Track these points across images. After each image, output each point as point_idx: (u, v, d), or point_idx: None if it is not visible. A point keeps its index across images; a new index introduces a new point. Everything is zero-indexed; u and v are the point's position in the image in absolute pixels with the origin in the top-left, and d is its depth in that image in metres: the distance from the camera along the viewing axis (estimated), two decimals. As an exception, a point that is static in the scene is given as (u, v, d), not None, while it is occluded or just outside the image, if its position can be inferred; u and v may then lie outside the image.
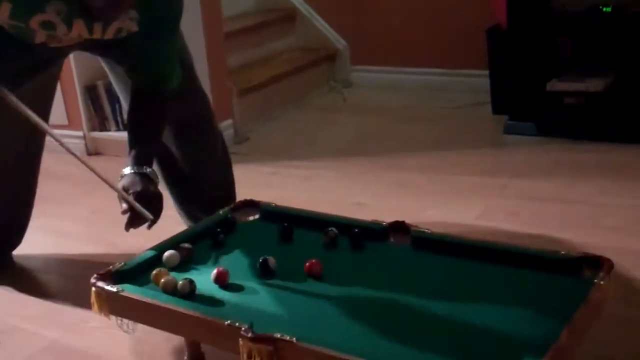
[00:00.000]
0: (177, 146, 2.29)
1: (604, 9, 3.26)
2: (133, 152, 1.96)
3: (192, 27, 2.10)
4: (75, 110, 3.59)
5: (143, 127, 2.03)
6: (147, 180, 1.91)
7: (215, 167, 2.44)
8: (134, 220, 1.84)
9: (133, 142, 1.99)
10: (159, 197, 1.92)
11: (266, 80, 3.99)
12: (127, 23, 1.91)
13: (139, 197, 1.85)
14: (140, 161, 1.93)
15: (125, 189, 1.86)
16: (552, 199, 2.72)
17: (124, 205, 1.83)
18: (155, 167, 2.01)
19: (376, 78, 4.42)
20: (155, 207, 1.89)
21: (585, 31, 3.44)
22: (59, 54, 2.19)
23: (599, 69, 3.41)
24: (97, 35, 1.91)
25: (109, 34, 1.92)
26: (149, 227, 1.85)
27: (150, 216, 1.84)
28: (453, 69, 4.16)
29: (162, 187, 2.06)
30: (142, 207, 1.83)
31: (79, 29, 1.86)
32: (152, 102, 2.03)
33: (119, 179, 1.90)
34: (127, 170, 1.91)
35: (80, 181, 3.22)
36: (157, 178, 1.97)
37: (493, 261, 1.67)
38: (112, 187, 1.85)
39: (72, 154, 1.91)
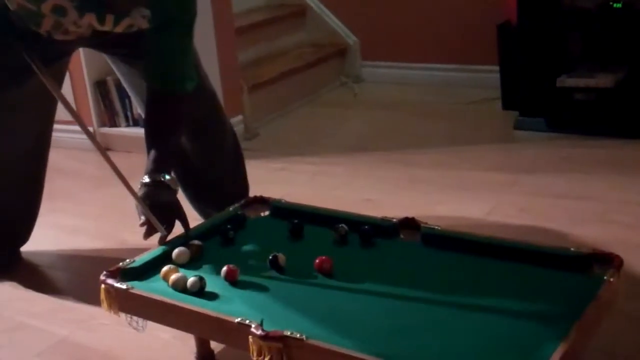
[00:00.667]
0: (188, 143, 2.29)
1: (615, 5, 3.24)
2: (151, 157, 1.96)
3: (202, 23, 2.09)
4: (84, 105, 3.59)
5: (160, 131, 2.02)
6: (165, 189, 1.91)
7: (226, 163, 2.44)
8: (151, 232, 1.85)
9: (151, 146, 1.98)
10: (176, 207, 1.92)
11: (276, 76, 3.99)
12: (139, 20, 1.91)
13: (156, 208, 1.85)
14: (159, 167, 1.93)
15: (144, 199, 1.86)
16: (562, 195, 2.71)
17: (142, 218, 1.84)
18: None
19: (387, 73, 4.42)
20: (171, 218, 1.89)
21: (595, 27, 3.42)
22: (65, 49, 2.19)
23: (609, 64, 3.39)
24: (107, 26, 1.91)
25: (120, 28, 1.92)
26: (161, 241, 1.85)
27: (164, 232, 1.84)
28: (463, 64, 4.15)
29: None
30: (157, 221, 1.83)
31: (90, 18, 1.87)
32: (167, 104, 2.03)
33: (139, 186, 1.90)
34: (146, 178, 1.91)
35: (89, 177, 3.23)
36: (177, 185, 1.98)
37: (503, 258, 1.67)
38: (134, 196, 1.85)
39: (101, 152, 1.91)
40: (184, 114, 2.07)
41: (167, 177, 1.93)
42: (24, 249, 2.52)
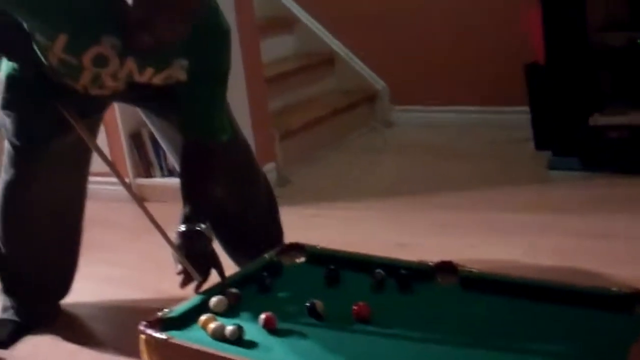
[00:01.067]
0: (222, 192, 2.31)
1: (640, 42, 3.25)
2: (187, 207, 1.98)
3: (233, 73, 2.13)
4: (120, 157, 3.65)
5: (195, 181, 2.05)
6: (201, 237, 1.93)
7: (260, 212, 2.45)
8: (188, 281, 1.87)
9: (187, 196, 2.01)
10: (212, 256, 1.94)
11: (307, 123, 4.03)
12: (178, 72, 1.95)
13: (192, 256, 1.87)
14: (194, 217, 1.96)
15: (180, 248, 1.88)
16: (599, 234, 2.68)
17: (179, 267, 1.86)
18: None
19: (416, 117, 4.43)
20: (207, 267, 1.90)
21: (624, 65, 3.42)
22: (99, 105, 2.24)
23: (642, 101, 3.38)
24: (146, 77, 1.95)
25: (158, 79, 1.97)
26: (197, 288, 1.86)
27: (199, 279, 1.86)
28: (493, 105, 4.15)
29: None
30: (194, 269, 1.85)
31: (131, 66, 1.91)
32: (202, 155, 2.06)
33: (175, 235, 1.92)
34: (182, 227, 1.93)
35: (126, 227, 3.26)
36: (212, 234, 1.99)
37: (542, 299, 1.65)
38: (170, 245, 1.88)
39: (137, 201, 1.94)
40: (218, 164, 2.10)
41: (203, 225, 1.95)
42: (64, 301, 2.53)
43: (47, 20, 1.83)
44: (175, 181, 3.47)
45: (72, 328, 2.45)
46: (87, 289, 2.63)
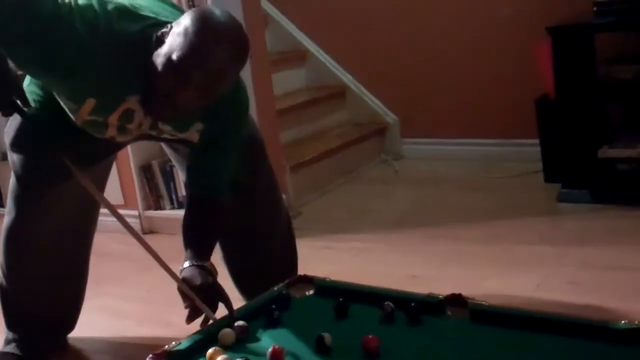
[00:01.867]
0: (244, 218, 2.30)
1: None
2: (190, 251, 1.98)
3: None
4: (130, 189, 3.66)
5: (197, 232, 2.05)
6: (206, 272, 1.92)
7: (280, 240, 2.45)
8: (195, 316, 1.86)
9: (188, 243, 2.01)
10: (217, 289, 1.93)
11: (318, 155, 4.04)
12: (194, 135, 1.98)
13: (199, 291, 1.86)
14: (198, 256, 1.96)
15: (186, 283, 1.88)
16: (611, 267, 2.67)
17: (187, 302, 1.85)
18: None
19: (427, 150, 4.44)
20: (214, 300, 1.90)
21: (633, 98, 3.43)
22: (122, 145, 2.26)
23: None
24: (167, 130, 1.98)
25: (176, 137, 2.00)
26: (203, 323, 1.85)
27: (212, 314, 1.84)
28: (503, 138, 4.16)
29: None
30: (202, 303, 1.84)
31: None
32: (206, 209, 2.06)
33: (180, 271, 1.92)
34: (187, 263, 1.93)
35: (134, 260, 3.25)
36: (216, 271, 1.99)
37: (554, 332, 1.64)
38: (175, 279, 1.87)
39: (139, 239, 1.94)
40: (220, 220, 2.11)
41: (207, 263, 1.95)
42: (71, 334, 2.53)
43: (75, 86, 1.83)
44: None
45: (80, 361, 2.44)
46: (93, 322, 2.63)
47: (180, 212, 3.47)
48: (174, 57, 1.71)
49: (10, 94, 1.89)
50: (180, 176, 2.47)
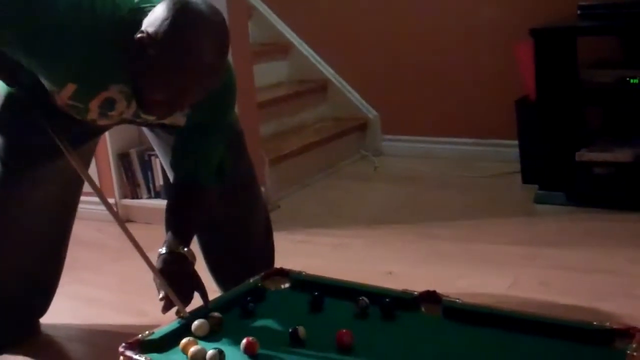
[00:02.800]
0: (222, 211, 2.28)
1: (632, 81, 3.28)
2: (171, 231, 1.98)
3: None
4: (107, 177, 3.64)
5: (181, 214, 2.05)
6: (182, 261, 1.92)
7: (258, 233, 2.45)
8: (170, 306, 1.86)
9: (169, 225, 2.01)
10: (194, 279, 1.93)
11: (298, 149, 4.04)
12: (179, 119, 1.96)
13: (173, 280, 1.86)
14: (177, 241, 1.95)
15: (161, 272, 1.87)
16: (584, 269, 2.69)
17: (161, 293, 1.85)
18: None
19: (406, 147, 4.45)
20: (190, 290, 1.90)
21: (613, 102, 3.46)
22: (102, 129, 2.24)
23: (628, 139, 3.41)
24: (150, 119, 1.98)
25: (161, 122, 1.99)
26: (178, 313, 1.85)
27: (183, 307, 1.84)
28: (483, 138, 4.18)
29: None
30: (175, 295, 1.83)
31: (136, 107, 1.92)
32: (191, 193, 2.06)
33: (157, 258, 1.92)
34: (164, 250, 1.93)
35: (110, 248, 3.25)
36: (195, 257, 1.98)
37: (525, 331, 1.66)
38: (152, 269, 1.87)
39: (120, 223, 1.93)
40: (204, 204, 2.10)
41: (185, 249, 1.95)
42: (43, 321, 2.51)
43: (56, 71, 1.81)
44: (161, 203, 3.48)
45: (50, 348, 2.43)
46: (67, 309, 2.62)
47: (157, 202, 3.53)
48: (158, 59, 1.65)
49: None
50: (162, 163, 2.45)
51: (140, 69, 1.70)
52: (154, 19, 1.67)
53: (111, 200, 3.61)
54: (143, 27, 1.69)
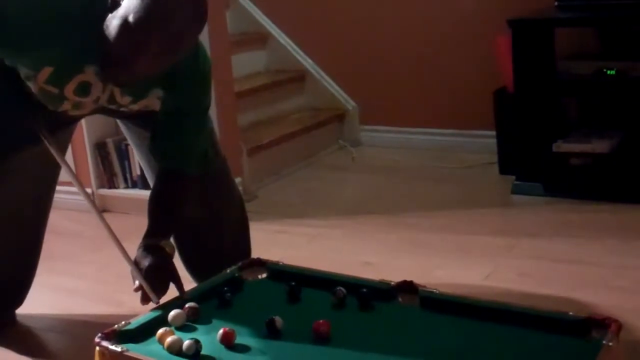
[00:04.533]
0: (193, 207, 2.25)
1: (608, 72, 3.30)
2: (152, 222, 1.97)
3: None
4: (84, 167, 3.61)
5: (164, 202, 2.03)
6: (160, 252, 1.91)
7: (230, 231, 2.43)
8: (148, 297, 1.85)
9: (151, 214, 2.00)
10: (170, 270, 1.92)
11: (276, 139, 4.03)
12: (154, 102, 1.94)
13: (150, 271, 1.85)
14: (157, 233, 1.94)
15: (137, 263, 1.86)
16: (561, 259, 2.71)
17: (137, 283, 1.85)
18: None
19: (385, 138, 4.45)
20: (165, 281, 1.89)
21: (590, 93, 3.48)
22: (76, 119, 2.22)
23: (605, 130, 3.44)
24: (126, 101, 1.94)
25: (136, 107, 1.96)
26: (155, 303, 1.85)
27: (156, 299, 1.84)
28: (461, 129, 4.19)
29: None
30: (150, 286, 1.83)
31: (113, 89, 1.89)
32: (173, 181, 2.05)
33: (137, 249, 1.91)
34: (144, 241, 1.92)
35: (87, 238, 3.23)
36: (173, 248, 1.97)
37: (501, 322, 1.66)
38: (128, 260, 1.86)
39: (99, 215, 1.92)
40: (188, 191, 2.08)
41: (164, 240, 1.94)
42: (20, 312, 2.49)
43: (31, 56, 1.78)
44: (138, 193, 3.49)
45: (26, 339, 2.41)
46: (43, 299, 2.60)
47: (134, 191, 3.51)
48: (131, 19, 1.63)
49: None
50: (136, 156, 2.43)
51: (110, 26, 1.66)
52: None
53: (88, 190, 3.57)
54: None
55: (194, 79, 1.96)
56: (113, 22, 1.66)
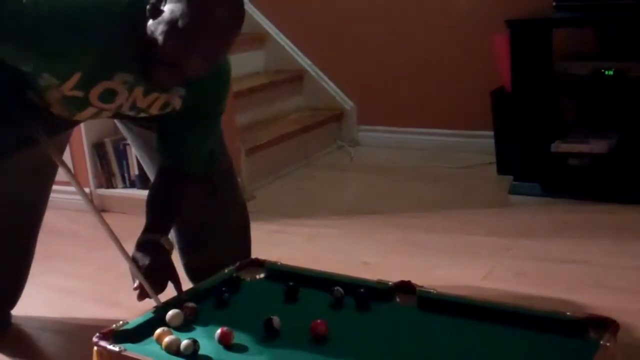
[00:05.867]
0: (198, 204, 2.25)
1: (606, 72, 3.31)
2: (150, 219, 1.97)
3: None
4: (82, 166, 3.61)
5: (163, 200, 2.04)
6: (159, 250, 1.91)
7: (236, 231, 2.42)
8: (145, 295, 1.85)
9: (150, 211, 2.00)
10: (169, 269, 1.92)
11: (274, 139, 4.03)
12: (175, 100, 1.94)
13: (147, 270, 1.85)
14: (155, 229, 1.95)
15: (136, 261, 1.86)
16: (558, 259, 2.71)
17: (136, 282, 1.85)
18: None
19: (383, 138, 4.46)
20: (164, 280, 1.89)
21: (588, 94, 3.49)
22: (76, 122, 2.21)
23: (603, 130, 3.44)
24: (148, 102, 1.94)
25: (155, 109, 1.96)
26: (155, 301, 1.84)
27: (156, 296, 1.84)
28: (458, 129, 4.19)
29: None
30: (149, 284, 1.83)
31: (137, 94, 1.90)
32: (175, 179, 2.05)
33: (135, 246, 1.91)
34: (141, 238, 1.92)
35: (84, 238, 3.23)
36: (172, 246, 1.97)
37: (499, 322, 1.66)
38: (126, 258, 1.86)
39: (97, 215, 1.91)
40: (189, 190, 2.09)
41: (163, 237, 1.94)
42: (16, 312, 2.48)
43: (63, 62, 1.78)
44: (136, 192, 3.49)
45: (23, 340, 2.41)
46: (41, 299, 2.60)
47: (132, 191, 3.51)
48: (180, 24, 1.67)
49: None
50: (137, 156, 2.42)
51: (156, 32, 1.70)
52: None
53: (86, 190, 3.58)
54: None
55: (217, 78, 1.98)
56: (160, 28, 1.70)
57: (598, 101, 3.59)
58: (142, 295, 1.85)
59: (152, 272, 1.85)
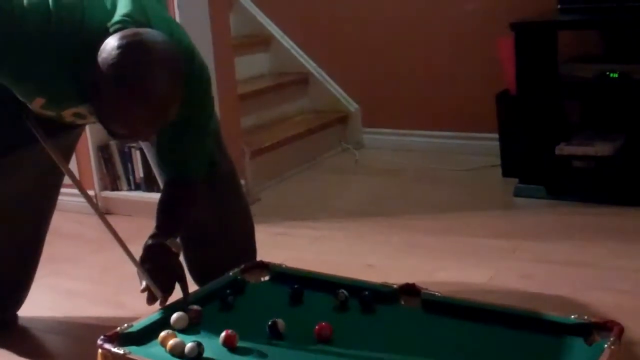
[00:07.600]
0: (202, 208, 2.23)
1: (611, 75, 3.30)
2: (158, 223, 1.98)
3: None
4: (87, 169, 3.62)
5: (171, 207, 2.04)
6: (167, 251, 1.91)
7: (239, 231, 2.42)
8: (154, 298, 1.85)
9: (159, 222, 2.00)
10: (177, 270, 1.92)
11: (278, 142, 4.03)
12: None
13: (156, 271, 1.85)
14: (163, 232, 1.95)
15: (143, 262, 1.87)
16: (563, 262, 2.71)
17: (143, 284, 1.85)
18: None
19: (387, 140, 4.45)
20: (171, 282, 1.89)
21: (593, 96, 3.48)
22: (81, 125, 2.22)
23: (608, 133, 3.43)
24: None
25: None
26: (161, 304, 1.85)
27: (161, 295, 1.84)
28: (463, 132, 4.19)
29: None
30: (156, 285, 1.83)
31: None
32: (178, 187, 2.06)
33: (143, 248, 1.91)
34: (150, 241, 1.93)
35: (89, 240, 3.23)
36: (179, 247, 1.97)
37: (504, 324, 1.66)
38: (132, 260, 1.87)
39: (102, 217, 1.92)
40: (196, 197, 2.09)
41: (170, 239, 1.94)
42: (22, 313, 2.49)
43: (23, 87, 1.79)
44: (141, 195, 3.49)
45: (27, 341, 2.41)
46: (46, 301, 2.60)
47: (137, 194, 3.52)
48: (114, 108, 1.65)
49: None
50: (149, 159, 2.42)
51: (96, 100, 1.69)
52: (104, 51, 1.64)
53: (91, 193, 3.58)
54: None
55: (195, 90, 1.95)
56: (96, 94, 1.66)
57: (603, 103, 3.59)
58: (151, 298, 1.85)
59: (160, 272, 1.85)
